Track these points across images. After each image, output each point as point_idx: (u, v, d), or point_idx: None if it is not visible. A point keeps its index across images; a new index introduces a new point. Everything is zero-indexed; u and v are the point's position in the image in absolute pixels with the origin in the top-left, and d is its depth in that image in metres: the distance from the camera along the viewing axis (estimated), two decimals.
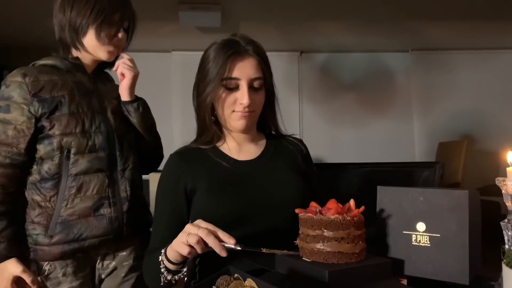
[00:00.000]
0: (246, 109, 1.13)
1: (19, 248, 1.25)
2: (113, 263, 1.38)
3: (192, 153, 1.19)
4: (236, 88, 1.13)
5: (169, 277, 0.97)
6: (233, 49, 1.13)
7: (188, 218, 1.15)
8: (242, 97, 1.12)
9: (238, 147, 1.21)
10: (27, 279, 1.22)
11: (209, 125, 1.19)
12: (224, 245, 0.87)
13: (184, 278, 0.98)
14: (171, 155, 1.20)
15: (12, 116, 1.24)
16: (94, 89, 1.36)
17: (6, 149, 1.24)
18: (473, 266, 0.91)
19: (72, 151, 1.27)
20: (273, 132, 1.29)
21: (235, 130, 1.19)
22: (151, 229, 1.46)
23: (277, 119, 1.26)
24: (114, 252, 1.37)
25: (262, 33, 1.19)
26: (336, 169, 1.79)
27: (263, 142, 1.26)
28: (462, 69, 5.73)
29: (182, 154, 1.19)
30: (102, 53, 1.34)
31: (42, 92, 1.26)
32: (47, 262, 1.28)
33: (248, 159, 1.20)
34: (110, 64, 1.45)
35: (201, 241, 0.87)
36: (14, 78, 1.26)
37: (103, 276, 1.38)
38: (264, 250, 0.92)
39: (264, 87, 1.17)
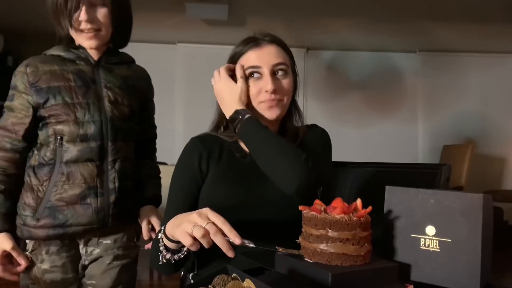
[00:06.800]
0: (273, 96, 1.12)
1: (12, 224, 1.30)
2: (97, 250, 1.38)
3: (211, 139, 1.21)
4: (259, 78, 1.13)
5: (168, 256, 0.92)
6: (252, 42, 1.15)
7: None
8: (265, 84, 1.12)
9: None
10: (17, 256, 1.28)
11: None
12: (233, 243, 0.80)
13: (184, 258, 0.93)
14: (192, 138, 1.22)
15: (15, 104, 1.33)
16: (94, 78, 1.36)
17: (8, 135, 1.32)
18: (484, 273, 0.87)
19: (65, 139, 1.30)
20: (294, 123, 1.24)
21: (266, 121, 1.15)
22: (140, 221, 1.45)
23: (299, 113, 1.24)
24: (98, 239, 1.38)
25: (269, 28, 1.19)
26: (338, 167, 1.74)
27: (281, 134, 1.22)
28: (470, 72, 5.67)
29: (202, 138, 1.21)
30: (84, 42, 1.33)
31: (39, 82, 1.31)
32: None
33: None
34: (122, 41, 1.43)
35: (208, 236, 0.80)
36: (20, 68, 1.34)
37: (86, 263, 1.38)
38: (280, 250, 0.87)
39: (290, 75, 1.16)
